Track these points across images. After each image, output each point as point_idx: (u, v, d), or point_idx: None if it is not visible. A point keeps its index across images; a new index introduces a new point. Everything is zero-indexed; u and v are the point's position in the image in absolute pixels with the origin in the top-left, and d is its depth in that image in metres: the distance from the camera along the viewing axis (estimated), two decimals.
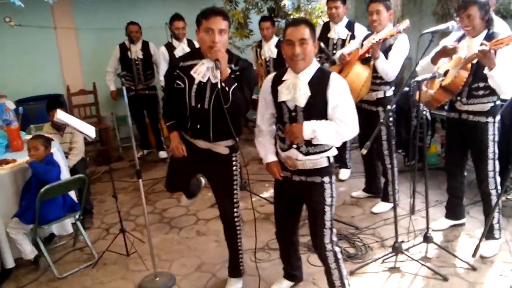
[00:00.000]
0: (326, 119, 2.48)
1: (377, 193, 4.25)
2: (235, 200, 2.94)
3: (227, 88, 2.53)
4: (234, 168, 2.90)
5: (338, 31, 4.52)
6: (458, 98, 3.21)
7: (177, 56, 4.82)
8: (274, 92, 2.58)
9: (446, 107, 3.40)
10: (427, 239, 3.33)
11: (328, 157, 2.59)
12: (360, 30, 4.45)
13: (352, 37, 4.41)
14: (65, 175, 3.80)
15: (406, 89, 3.34)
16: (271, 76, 2.65)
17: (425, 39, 2.92)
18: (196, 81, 2.66)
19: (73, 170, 4.11)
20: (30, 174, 3.49)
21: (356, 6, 6.94)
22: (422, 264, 3.20)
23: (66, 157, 4.12)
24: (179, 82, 2.71)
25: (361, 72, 3.67)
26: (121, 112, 6.41)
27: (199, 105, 2.70)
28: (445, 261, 3.28)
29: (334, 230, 2.69)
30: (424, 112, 3.23)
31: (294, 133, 2.47)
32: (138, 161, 3.24)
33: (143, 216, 3.39)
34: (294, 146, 2.56)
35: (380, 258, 3.33)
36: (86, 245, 3.74)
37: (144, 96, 5.70)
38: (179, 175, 3.12)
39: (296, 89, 2.49)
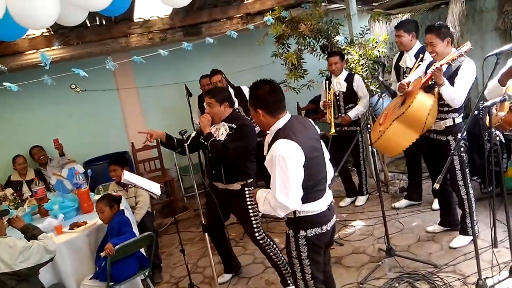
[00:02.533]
0: None
1: (455, 226, 3.97)
2: (254, 225, 3.54)
3: (205, 143, 3.47)
4: (248, 198, 3.51)
5: (407, 60, 4.39)
6: None
7: None
8: None
9: None
10: None
11: (294, 211, 2.52)
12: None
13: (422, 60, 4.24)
14: (135, 231, 3.87)
15: (475, 112, 3.14)
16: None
17: (490, 60, 2.75)
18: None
19: (140, 224, 4.19)
20: (103, 234, 3.58)
21: None
22: None
23: (133, 212, 4.21)
24: (202, 138, 3.56)
25: (425, 101, 3.51)
26: (183, 163, 6.54)
27: (210, 155, 3.56)
28: None
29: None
30: (497, 137, 3.01)
31: (254, 198, 2.64)
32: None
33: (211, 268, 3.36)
34: None
35: None
36: None
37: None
38: (213, 216, 3.66)
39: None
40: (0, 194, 4.68)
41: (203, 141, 3.51)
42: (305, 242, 2.54)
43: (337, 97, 5.01)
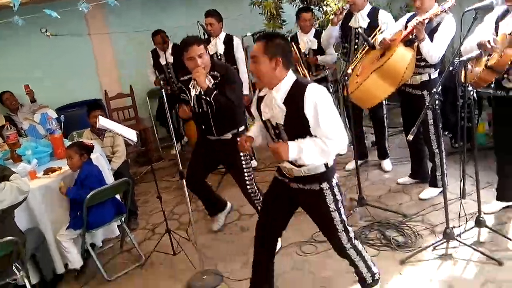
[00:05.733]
0: (310, 135, 2.36)
1: (425, 179, 4.11)
2: (246, 177, 3.50)
3: (208, 98, 3.25)
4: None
5: (359, 19, 4.30)
6: (505, 76, 3.05)
7: (210, 52, 4.85)
8: (259, 110, 2.55)
9: (492, 85, 3.23)
10: (479, 223, 3.21)
11: (325, 163, 2.47)
12: (385, 17, 4.23)
13: (373, 25, 4.20)
14: (109, 178, 3.86)
15: (451, 68, 3.19)
16: (255, 96, 2.63)
17: (468, 16, 2.77)
18: (192, 94, 3.33)
19: (116, 173, 4.17)
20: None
21: None
22: (475, 250, 3.07)
23: (109, 160, 4.19)
24: (183, 95, 3.49)
25: (404, 54, 3.52)
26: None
27: (200, 110, 3.39)
28: (499, 244, 3.14)
29: (349, 228, 2.61)
30: (471, 92, 3.08)
31: (279, 154, 2.33)
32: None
33: (187, 215, 3.41)
34: None
35: (431, 245, 3.21)
36: (133, 246, 3.80)
37: (175, 96, 5.74)
38: (198, 167, 3.65)
39: (272, 105, 2.42)
40: None
41: (204, 97, 3.27)
42: (337, 189, 2.53)
43: (307, 55, 4.90)
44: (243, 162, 3.49)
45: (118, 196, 3.85)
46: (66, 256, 3.51)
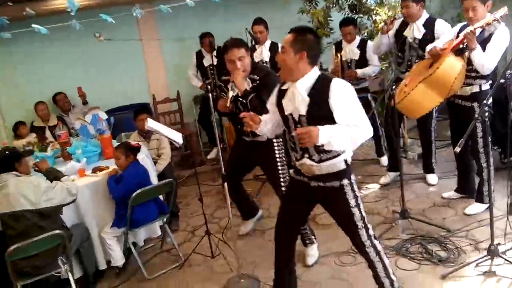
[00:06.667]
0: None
1: (471, 194, 3.97)
2: (281, 178, 3.46)
3: (244, 101, 3.29)
4: (276, 149, 3.46)
5: (415, 30, 4.18)
6: None
7: (256, 59, 5.02)
8: (280, 105, 2.56)
9: None
10: None
11: (345, 160, 2.51)
12: (442, 28, 4.08)
13: (430, 36, 4.06)
14: (153, 180, 3.97)
15: (502, 81, 3.09)
16: (277, 89, 2.64)
17: None
18: (230, 94, 3.30)
19: (160, 174, 4.28)
20: None
21: None
22: None
23: (155, 163, 4.30)
24: (222, 93, 3.51)
25: (454, 64, 3.43)
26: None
27: (237, 110, 3.37)
28: None
29: (369, 225, 2.62)
30: None
31: (309, 136, 2.28)
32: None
33: (227, 219, 3.45)
34: (306, 155, 2.51)
35: (474, 261, 3.10)
36: (173, 247, 3.88)
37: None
38: (234, 165, 3.71)
39: (295, 98, 2.45)
40: (24, 141, 4.82)
41: (241, 99, 3.32)
42: (357, 186, 2.58)
43: (349, 64, 4.88)
44: (279, 164, 3.49)
45: (161, 197, 3.95)
46: (109, 253, 3.62)
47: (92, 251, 3.59)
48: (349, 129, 2.35)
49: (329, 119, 2.37)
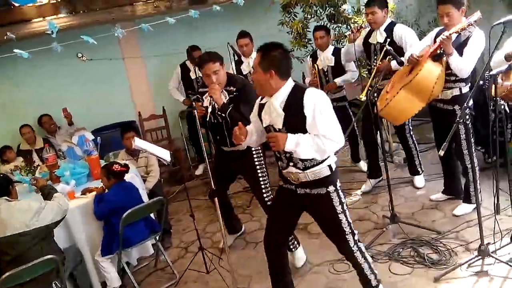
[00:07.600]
0: None
1: (458, 195, 4.04)
2: (262, 185, 3.56)
3: (223, 114, 3.37)
4: (255, 157, 3.55)
5: (377, 35, 4.29)
6: None
7: (244, 71, 5.11)
8: (260, 117, 2.68)
9: None
10: None
11: (329, 165, 2.58)
12: (400, 31, 4.18)
13: (390, 39, 4.18)
14: (144, 198, 3.96)
15: (481, 82, 3.16)
16: (257, 102, 2.76)
17: (496, 30, 2.76)
18: (208, 107, 3.35)
19: (150, 192, 4.28)
20: None
21: (420, 2, 6.65)
22: None
23: (144, 180, 4.30)
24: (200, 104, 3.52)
25: (432, 70, 3.50)
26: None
27: (215, 121, 3.48)
28: None
29: (355, 231, 2.70)
30: (502, 106, 3.05)
31: (276, 141, 2.43)
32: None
33: (219, 233, 3.45)
34: (291, 163, 2.59)
35: (465, 262, 3.15)
36: (167, 265, 3.87)
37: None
38: (217, 176, 3.69)
39: (271, 112, 2.55)
40: (12, 166, 4.79)
41: (220, 113, 3.40)
42: (342, 192, 2.64)
43: (326, 73, 4.94)
44: (259, 171, 3.57)
45: (152, 215, 3.95)
46: (104, 276, 3.60)
47: (86, 274, 3.57)
48: (317, 140, 2.42)
49: (305, 131, 2.47)
